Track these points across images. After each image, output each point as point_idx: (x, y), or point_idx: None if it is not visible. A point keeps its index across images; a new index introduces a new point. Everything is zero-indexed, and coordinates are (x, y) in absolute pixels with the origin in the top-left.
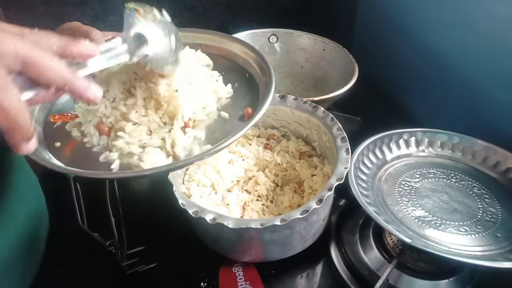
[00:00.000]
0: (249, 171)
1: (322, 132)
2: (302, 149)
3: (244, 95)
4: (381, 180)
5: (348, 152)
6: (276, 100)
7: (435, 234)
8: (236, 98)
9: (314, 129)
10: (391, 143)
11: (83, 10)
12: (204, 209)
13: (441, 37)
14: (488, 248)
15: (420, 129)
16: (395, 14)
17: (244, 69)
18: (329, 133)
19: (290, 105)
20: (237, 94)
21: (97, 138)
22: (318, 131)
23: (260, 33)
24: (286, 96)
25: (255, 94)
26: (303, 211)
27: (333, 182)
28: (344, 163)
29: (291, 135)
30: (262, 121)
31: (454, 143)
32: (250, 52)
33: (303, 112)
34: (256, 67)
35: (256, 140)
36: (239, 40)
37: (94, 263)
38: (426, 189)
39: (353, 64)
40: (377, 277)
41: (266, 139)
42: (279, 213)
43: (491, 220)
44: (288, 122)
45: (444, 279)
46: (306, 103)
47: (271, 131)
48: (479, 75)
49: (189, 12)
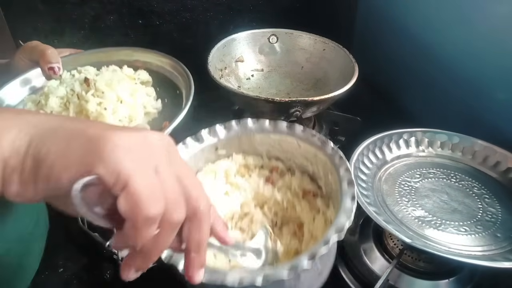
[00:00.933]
0: (246, 206)
1: (329, 170)
2: (306, 187)
3: (171, 110)
4: (381, 180)
5: (354, 199)
6: (282, 129)
7: (435, 234)
8: (164, 112)
9: (321, 166)
10: (391, 143)
11: (83, 10)
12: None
13: (441, 37)
14: (488, 248)
15: (420, 129)
16: (395, 14)
17: (177, 86)
18: (336, 173)
19: (297, 137)
20: (166, 108)
21: None
22: (324, 169)
23: (260, 33)
24: (293, 126)
25: (180, 109)
26: (290, 270)
27: (330, 235)
28: (348, 213)
29: (296, 170)
30: (266, 151)
31: (454, 143)
32: (183, 72)
33: (311, 145)
34: (184, 85)
35: (258, 171)
36: (175, 60)
37: (94, 263)
38: (426, 189)
39: (353, 64)
40: (377, 277)
41: (268, 171)
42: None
43: (491, 220)
44: (294, 155)
45: (444, 279)
46: (315, 136)
47: (275, 162)
48: (479, 75)
49: (189, 12)
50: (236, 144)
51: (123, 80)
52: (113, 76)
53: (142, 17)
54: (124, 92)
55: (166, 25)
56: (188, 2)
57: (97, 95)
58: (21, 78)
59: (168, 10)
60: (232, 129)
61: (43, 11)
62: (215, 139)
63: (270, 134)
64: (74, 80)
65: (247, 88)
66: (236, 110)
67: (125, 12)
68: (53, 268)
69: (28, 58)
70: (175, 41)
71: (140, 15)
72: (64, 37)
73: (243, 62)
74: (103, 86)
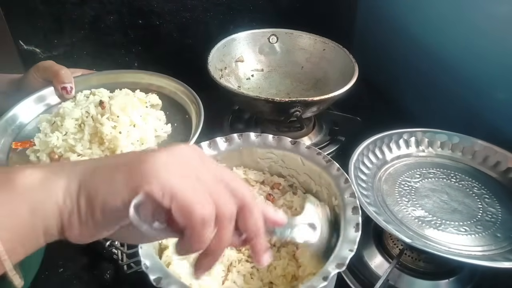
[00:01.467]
0: None
1: (333, 194)
2: None
3: (180, 134)
4: (381, 180)
5: (358, 229)
6: (287, 145)
7: (435, 234)
8: (173, 136)
9: (325, 187)
10: (391, 143)
11: (83, 10)
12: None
13: (441, 37)
14: (488, 248)
15: (420, 129)
16: (395, 14)
17: (186, 111)
18: (340, 198)
19: (302, 154)
20: (175, 132)
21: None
22: (328, 191)
23: (260, 33)
24: (298, 143)
25: (188, 134)
26: None
27: (330, 269)
28: (350, 244)
29: (299, 188)
30: (268, 167)
31: (454, 143)
32: (192, 97)
33: (315, 165)
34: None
35: (259, 188)
36: (185, 86)
37: (94, 263)
38: (426, 189)
39: (353, 64)
40: (377, 277)
41: (270, 187)
42: (269, 281)
43: (491, 220)
44: (297, 173)
45: (444, 279)
46: (320, 155)
47: (277, 179)
48: (479, 75)
49: (189, 12)
50: (236, 157)
51: (136, 104)
52: (126, 100)
53: (142, 17)
54: (137, 116)
55: (166, 25)
56: (188, 2)
57: (111, 118)
58: (35, 96)
59: (168, 10)
60: (233, 142)
61: (43, 11)
62: (215, 151)
63: (273, 149)
64: (89, 103)
65: (247, 88)
66: (236, 110)
67: (125, 12)
68: (53, 268)
69: (41, 77)
70: (175, 41)
71: (140, 15)
72: (64, 37)
73: (243, 62)
74: (117, 110)
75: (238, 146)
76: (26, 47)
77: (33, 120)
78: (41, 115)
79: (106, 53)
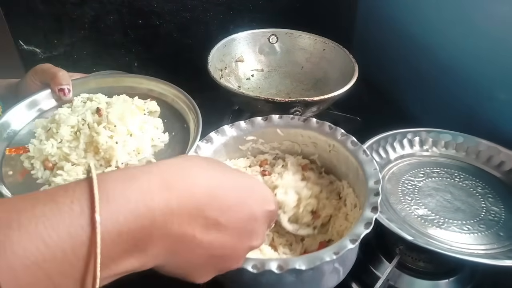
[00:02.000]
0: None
1: (324, 142)
2: (302, 162)
3: (178, 144)
4: (384, 179)
5: (373, 164)
6: (260, 124)
7: (437, 233)
8: (171, 145)
9: (310, 142)
10: (395, 142)
11: (83, 10)
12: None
13: (441, 37)
14: (491, 247)
15: (424, 129)
16: (395, 14)
17: (184, 120)
18: (335, 141)
19: (277, 125)
20: (173, 142)
21: (41, 172)
22: (316, 144)
23: (260, 33)
24: (270, 117)
25: (186, 144)
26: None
27: (360, 231)
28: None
29: (285, 155)
30: (251, 149)
31: (458, 143)
32: (191, 106)
33: (293, 128)
34: (192, 120)
35: (250, 171)
36: (185, 94)
37: None
38: (429, 188)
39: (353, 64)
40: (377, 277)
41: (259, 166)
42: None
43: (494, 219)
44: (278, 144)
45: (444, 279)
46: (294, 118)
47: (261, 157)
48: (480, 75)
49: (189, 12)
50: (223, 153)
51: (134, 111)
52: (124, 107)
53: (142, 17)
54: (134, 125)
55: (166, 25)
56: (188, 2)
57: (108, 127)
58: (28, 101)
59: (168, 10)
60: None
61: (43, 11)
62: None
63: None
64: (85, 109)
65: (247, 88)
66: (236, 110)
67: (125, 12)
68: None
69: (39, 80)
70: (175, 41)
71: (140, 15)
72: (64, 37)
73: (243, 62)
74: (115, 119)
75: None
76: (26, 47)
77: (27, 126)
78: (36, 119)
79: (106, 53)
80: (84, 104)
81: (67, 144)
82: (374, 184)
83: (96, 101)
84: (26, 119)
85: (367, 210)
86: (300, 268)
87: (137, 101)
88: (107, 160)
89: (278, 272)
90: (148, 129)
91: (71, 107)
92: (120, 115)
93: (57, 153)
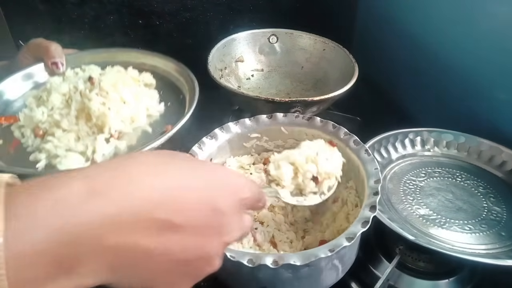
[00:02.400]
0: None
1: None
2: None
3: (174, 113)
4: (386, 179)
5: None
6: (265, 122)
7: (439, 233)
8: (166, 115)
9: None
10: (397, 142)
11: (83, 10)
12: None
13: (441, 37)
14: (492, 247)
15: (426, 129)
16: (395, 14)
17: (181, 91)
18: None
19: (282, 123)
20: (168, 112)
21: (32, 140)
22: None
23: (260, 33)
24: (274, 115)
25: (182, 114)
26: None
27: (357, 229)
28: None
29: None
30: (255, 147)
31: (460, 143)
32: (188, 77)
33: (298, 126)
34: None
35: (254, 168)
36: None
37: None
38: (431, 188)
39: (353, 64)
40: (377, 277)
41: (263, 164)
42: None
43: (495, 219)
44: (282, 142)
45: (444, 279)
46: (298, 117)
47: (266, 154)
48: (479, 75)
49: (189, 12)
50: (228, 150)
51: (128, 81)
52: (118, 77)
53: (142, 17)
54: (128, 94)
55: (166, 25)
56: (188, 2)
57: (101, 94)
58: (23, 73)
59: (168, 10)
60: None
61: (43, 11)
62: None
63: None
64: (77, 78)
65: (247, 88)
66: (236, 110)
67: (125, 12)
68: None
69: (32, 55)
70: (175, 41)
71: (140, 15)
72: (64, 37)
73: (243, 62)
74: (108, 86)
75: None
76: None
77: (21, 98)
78: (29, 91)
79: None
80: (76, 74)
81: (58, 111)
82: (374, 183)
83: (88, 72)
84: (21, 91)
85: (366, 209)
86: (295, 263)
87: (132, 71)
88: (100, 127)
89: (273, 267)
90: (142, 99)
91: (64, 77)
92: (113, 83)
93: (48, 120)
